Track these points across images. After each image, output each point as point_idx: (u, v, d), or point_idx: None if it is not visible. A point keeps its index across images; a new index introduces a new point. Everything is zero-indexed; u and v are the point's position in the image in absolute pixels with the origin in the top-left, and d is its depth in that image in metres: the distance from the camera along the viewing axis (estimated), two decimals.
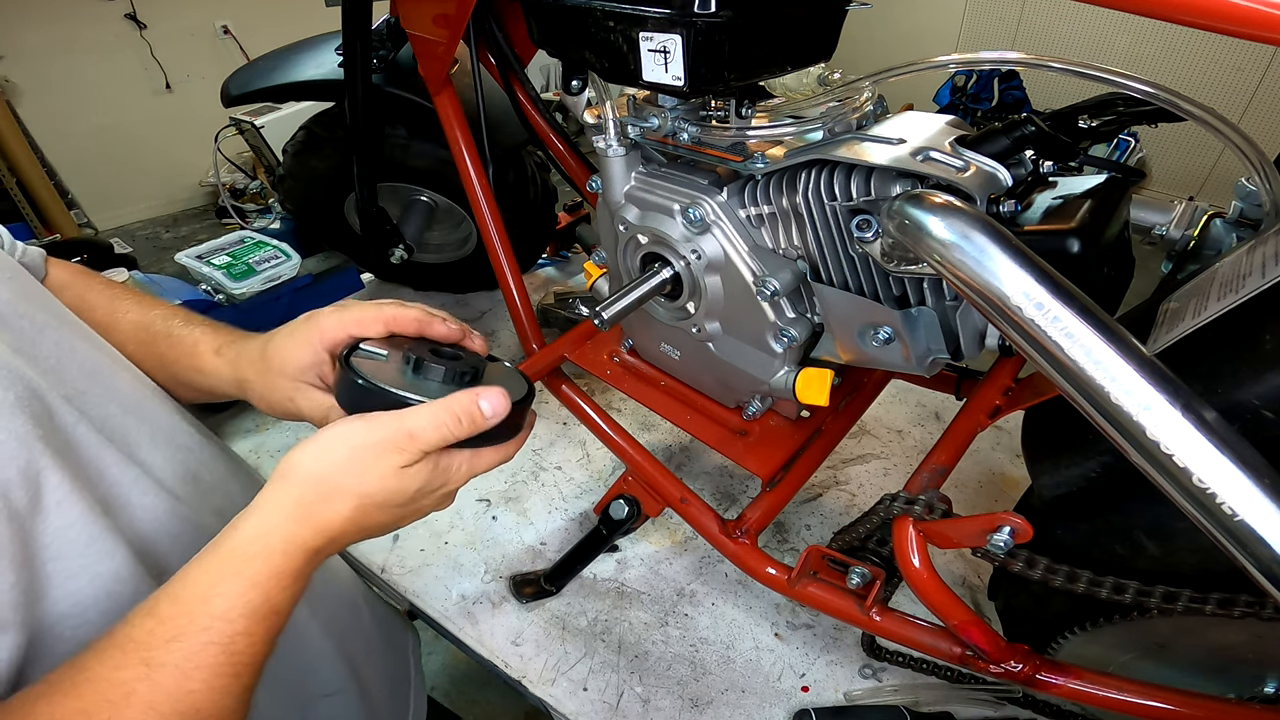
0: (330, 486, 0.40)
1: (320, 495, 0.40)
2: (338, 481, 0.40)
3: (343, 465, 0.41)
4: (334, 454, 0.41)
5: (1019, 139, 0.53)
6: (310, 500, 0.40)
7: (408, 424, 0.41)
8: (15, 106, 3.22)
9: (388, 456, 0.41)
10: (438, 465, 0.43)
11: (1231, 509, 0.35)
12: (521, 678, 0.80)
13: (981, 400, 0.69)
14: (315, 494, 0.40)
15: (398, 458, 0.41)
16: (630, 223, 0.70)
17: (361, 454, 0.41)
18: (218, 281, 1.11)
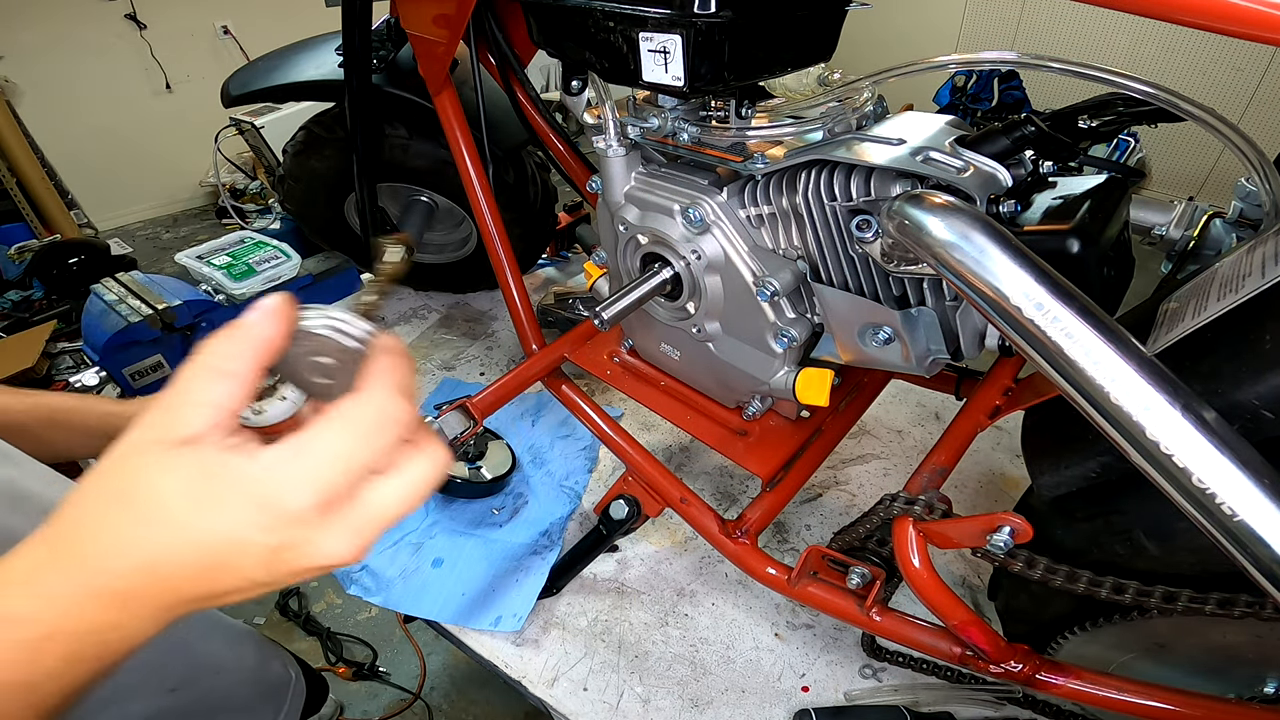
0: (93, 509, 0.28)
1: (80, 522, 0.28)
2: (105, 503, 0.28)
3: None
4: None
5: (1019, 139, 0.53)
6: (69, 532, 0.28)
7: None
8: (15, 106, 3.22)
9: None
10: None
11: (1231, 509, 0.35)
12: (521, 678, 0.80)
13: (981, 400, 0.69)
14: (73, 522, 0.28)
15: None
16: (630, 223, 0.70)
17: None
18: (218, 281, 1.12)
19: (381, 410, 0.29)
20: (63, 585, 0.27)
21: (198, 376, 0.29)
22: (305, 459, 0.28)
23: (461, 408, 0.81)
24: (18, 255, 2.79)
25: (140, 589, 0.27)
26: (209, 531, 0.27)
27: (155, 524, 0.27)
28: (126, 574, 0.27)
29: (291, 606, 1.64)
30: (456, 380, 1.26)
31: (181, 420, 0.28)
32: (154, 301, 1.06)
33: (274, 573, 0.28)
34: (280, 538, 0.27)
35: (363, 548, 0.29)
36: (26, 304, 2.73)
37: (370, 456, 0.28)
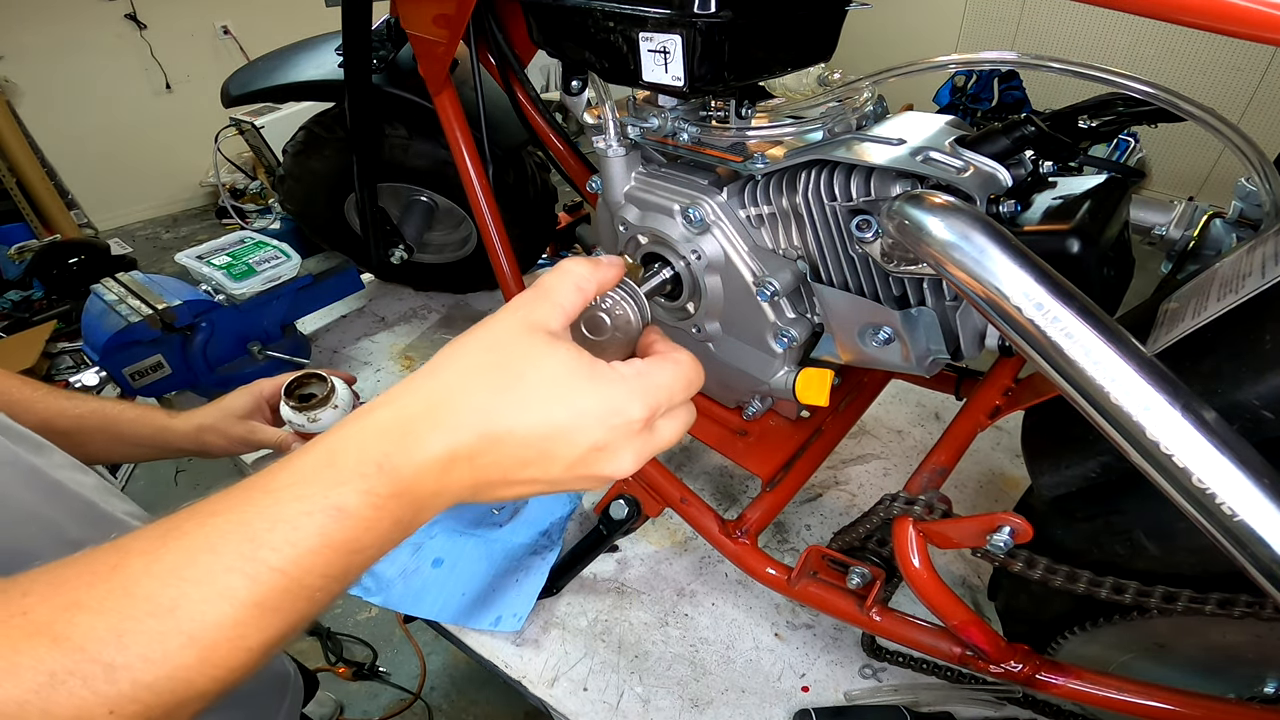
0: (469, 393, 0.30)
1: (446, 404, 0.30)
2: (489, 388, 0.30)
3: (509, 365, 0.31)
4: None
5: (1019, 139, 0.53)
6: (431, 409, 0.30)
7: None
8: (15, 106, 3.22)
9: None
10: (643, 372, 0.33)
11: (1231, 509, 0.35)
12: (521, 678, 0.80)
13: (981, 400, 0.69)
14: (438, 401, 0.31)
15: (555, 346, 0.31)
16: (630, 223, 0.70)
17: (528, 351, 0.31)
18: (218, 282, 1.11)
19: (694, 368, 0.36)
20: (428, 441, 0.29)
21: (563, 284, 0.34)
22: (649, 380, 0.33)
23: None
24: (18, 255, 2.79)
25: (472, 457, 0.30)
26: (560, 414, 0.30)
27: (523, 396, 0.30)
28: (473, 439, 0.30)
29: None
30: None
31: (550, 316, 0.33)
32: (154, 301, 1.06)
33: (574, 471, 0.32)
34: (606, 437, 0.31)
35: (638, 466, 0.33)
36: (26, 304, 2.73)
37: (681, 398, 0.35)
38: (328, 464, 0.29)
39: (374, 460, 0.29)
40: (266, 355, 1.18)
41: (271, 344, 1.20)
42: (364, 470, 0.29)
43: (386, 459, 0.29)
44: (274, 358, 1.19)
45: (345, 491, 0.28)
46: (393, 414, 0.30)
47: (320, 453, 0.29)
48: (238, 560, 0.26)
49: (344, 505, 0.28)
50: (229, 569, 0.26)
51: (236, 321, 1.14)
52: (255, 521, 0.27)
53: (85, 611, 0.25)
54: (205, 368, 1.13)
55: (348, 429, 0.30)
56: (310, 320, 1.39)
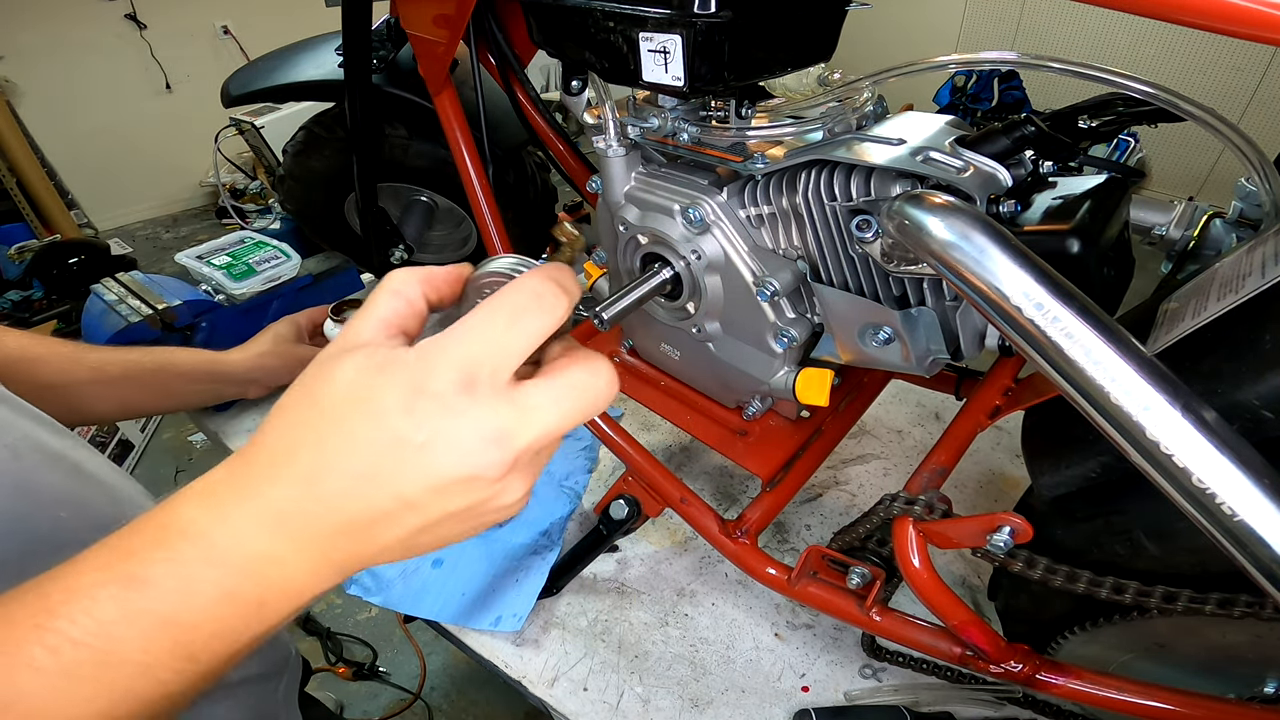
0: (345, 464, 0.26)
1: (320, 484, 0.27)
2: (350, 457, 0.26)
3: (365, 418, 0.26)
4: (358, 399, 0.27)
5: (1019, 139, 0.53)
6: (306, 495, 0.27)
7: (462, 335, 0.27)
8: (15, 106, 3.22)
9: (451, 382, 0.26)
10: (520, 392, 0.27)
11: (1231, 509, 0.35)
12: (521, 678, 0.80)
13: (981, 400, 0.69)
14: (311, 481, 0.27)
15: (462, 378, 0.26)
16: (630, 223, 0.70)
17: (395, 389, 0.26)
18: (218, 281, 1.11)
19: (517, 302, 0.27)
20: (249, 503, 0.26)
21: (375, 297, 0.30)
22: (451, 341, 0.27)
23: None
24: (18, 255, 2.79)
25: (298, 498, 0.26)
26: (363, 425, 0.26)
27: (321, 413, 0.27)
28: (289, 481, 0.26)
29: None
30: None
31: (358, 331, 0.29)
32: (154, 301, 1.06)
33: (419, 486, 0.26)
34: (420, 427, 0.26)
35: (519, 456, 0.27)
36: (26, 304, 2.73)
37: (519, 342, 0.27)
38: (128, 533, 0.26)
39: (176, 528, 0.26)
40: None
41: None
42: (163, 537, 0.26)
43: (191, 524, 0.26)
44: None
45: (138, 564, 0.25)
46: (197, 486, 0.27)
47: (133, 525, 0.27)
48: (33, 629, 0.24)
49: (138, 574, 0.25)
50: (26, 640, 0.24)
51: (236, 321, 1.14)
52: (49, 591, 0.25)
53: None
54: None
55: (161, 506, 0.27)
56: None
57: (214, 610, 0.26)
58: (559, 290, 0.28)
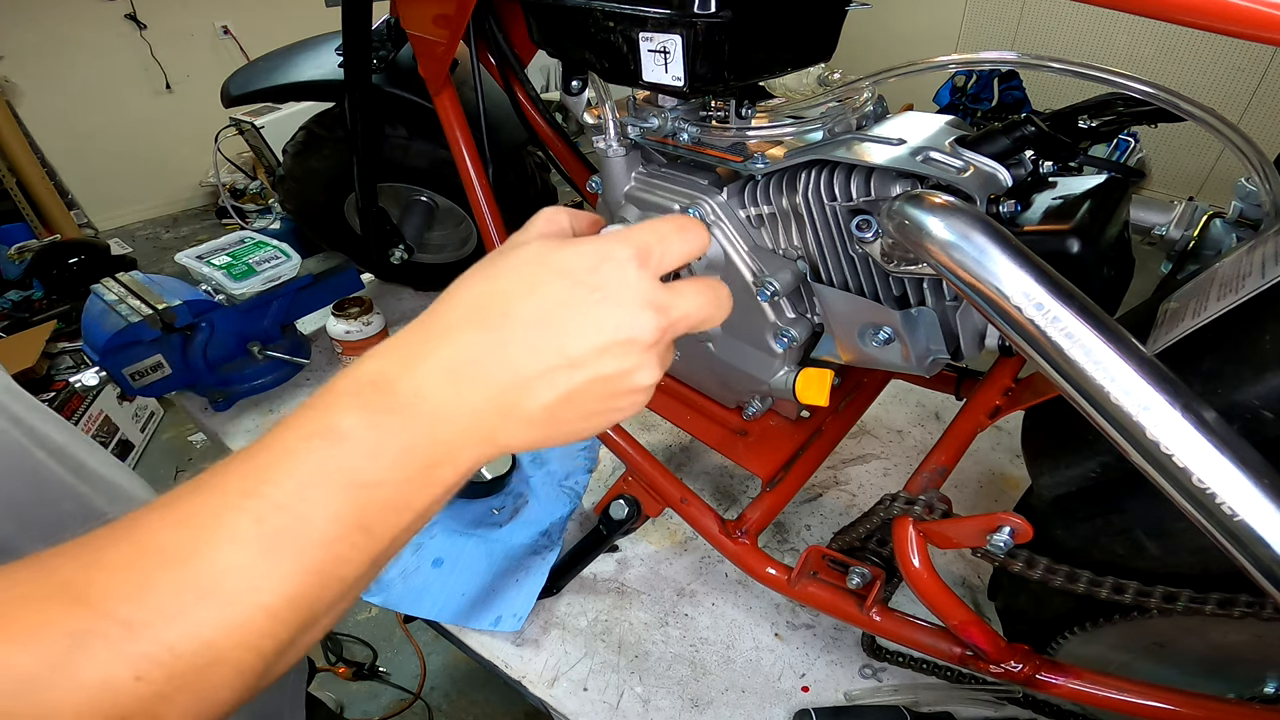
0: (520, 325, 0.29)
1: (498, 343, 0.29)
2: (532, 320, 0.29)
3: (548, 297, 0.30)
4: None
5: (1019, 139, 0.53)
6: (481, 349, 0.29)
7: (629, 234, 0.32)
8: (15, 106, 3.22)
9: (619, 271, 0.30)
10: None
11: (1231, 509, 0.35)
12: (521, 678, 0.80)
13: (981, 400, 0.69)
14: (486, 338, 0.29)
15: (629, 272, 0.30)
16: (630, 223, 0.70)
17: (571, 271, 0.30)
18: (218, 281, 1.11)
19: (678, 223, 0.33)
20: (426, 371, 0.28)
21: (534, 220, 0.35)
22: (629, 230, 0.32)
23: None
24: (18, 255, 2.79)
25: (477, 358, 0.28)
26: (547, 276, 0.30)
27: (506, 283, 0.30)
28: (470, 338, 0.29)
29: None
30: None
31: (523, 237, 0.33)
32: (154, 301, 1.06)
33: (592, 340, 0.29)
34: (605, 289, 0.29)
35: (662, 333, 0.31)
36: (26, 304, 2.73)
37: (678, 246, 0.32)
38: (325, 394, 0.28)
39: (369, 379, 0.28)
40: (267, 355, 1.18)
41: (271, 344, 1.20)
42: (358, 389, 0.27)
43: (382, 374, 0.28)
44: (274, 358, 1.19)
45: (338, 413, 0.27)
46: (386, 344, 0.30)
47: (321, 390, 0.28)
48: (241, 497, 0.25)
49: (337, 426, 0.26)
50: (234, 507, 0.24)
51: (236, 321, 1.14)
52: (258, 455, 0.26)
53: (103, 569, 0.24)
54: (205, 368, 1.13)
55: (348, 368, 0.29)
56: (310, 320, 1.39)
57: (394, 467, 0.27)
58: (703, 228, 0.34)
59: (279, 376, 1.22)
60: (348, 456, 0.26)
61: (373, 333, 1.14)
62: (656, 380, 0.32)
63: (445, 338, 0.29)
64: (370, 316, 1.14)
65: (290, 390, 1.23)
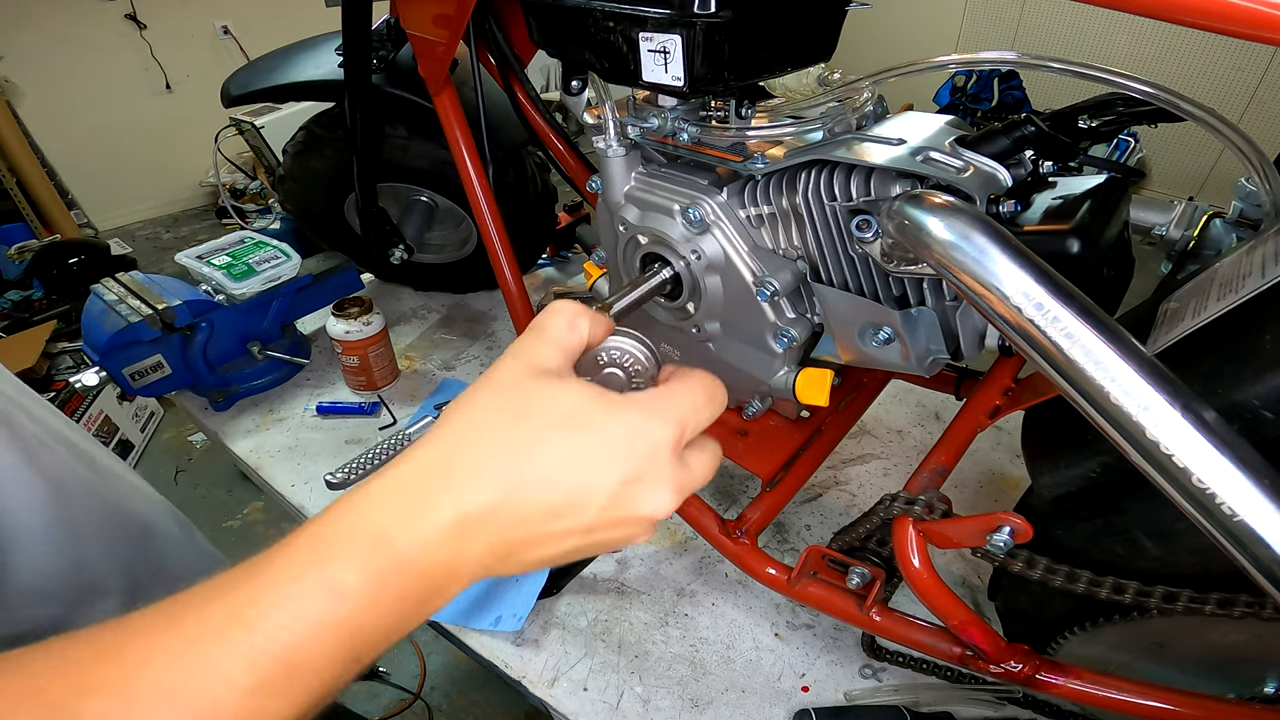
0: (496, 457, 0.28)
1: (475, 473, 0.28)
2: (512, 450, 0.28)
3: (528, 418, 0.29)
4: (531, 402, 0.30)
5: (1019, 139, 0.53)
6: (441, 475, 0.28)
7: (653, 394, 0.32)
8: (15, 106, 3.22)
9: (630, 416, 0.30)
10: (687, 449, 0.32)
11: (1231, 509, 0.35)
12: (521, 678, 0.80)
13: (981, 400, 0.69)
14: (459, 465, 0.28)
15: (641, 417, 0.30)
16: (630, 223, 0.70)
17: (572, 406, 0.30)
18: (218, 281, 1.11)
19: (713, 380, 0.34)
20: (435, 507, 0.28)
21: (556, 321, 0.33)
22: (667, 397, 0.31)
23: None
24: (18, 255, 2.79)
25: (487, 516, 0.28)
26: (581, 448, 0.29)
27: (536, 438, 0.28)
28: (486, 495, 0.28)
29: None
30: (456, 380, 1.26)
31: (549, 355, 0.32)
32: (154, 301, 1.06)
33: (610, 513, 0.29)
34: (636, 467, 0.29)
35: (676, 505, 0.31)
36: (26, 304, 2.73)
37: (706, 413, 0.32)
38: (323, 541, 0.27)
39: (372, 535, 0.27)
40: (266, 355, 1.18)
41: (271, 344, 1.20)
42: (359, 544, 0.27)
43: (385, 531, 0.27)
44: (274, 358, 1.19)
45: (339, 569, 0.26)
46: (391, 482, 0.28)
47: (316, 529, 0.28)
48: (235, 648, 0.25)
49: (339, 584, 0.26)
50: (228, 657, 0.25)
51: (236, 321, 1.14)
52: (250, 607, 0.26)
53: (95, 695, 0.24)
54: (205, 368, 1.13)
55: (350, 500, 0.28)
56: (310, 320, 1.39)
57: (390, 612, 0.27)
58: (724, 393, 0.34)
59: (279, 376, 1.22)
60: (346, 610, 0.26)
61: (373, 332, 1.14)
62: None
63: (458, 488, 0.28)
64: (370, 316, 1.14)
65: (290, 390, 1.23)
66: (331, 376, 1.26)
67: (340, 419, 1.17)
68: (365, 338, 1.13)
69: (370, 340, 1.14)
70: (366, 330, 1.13)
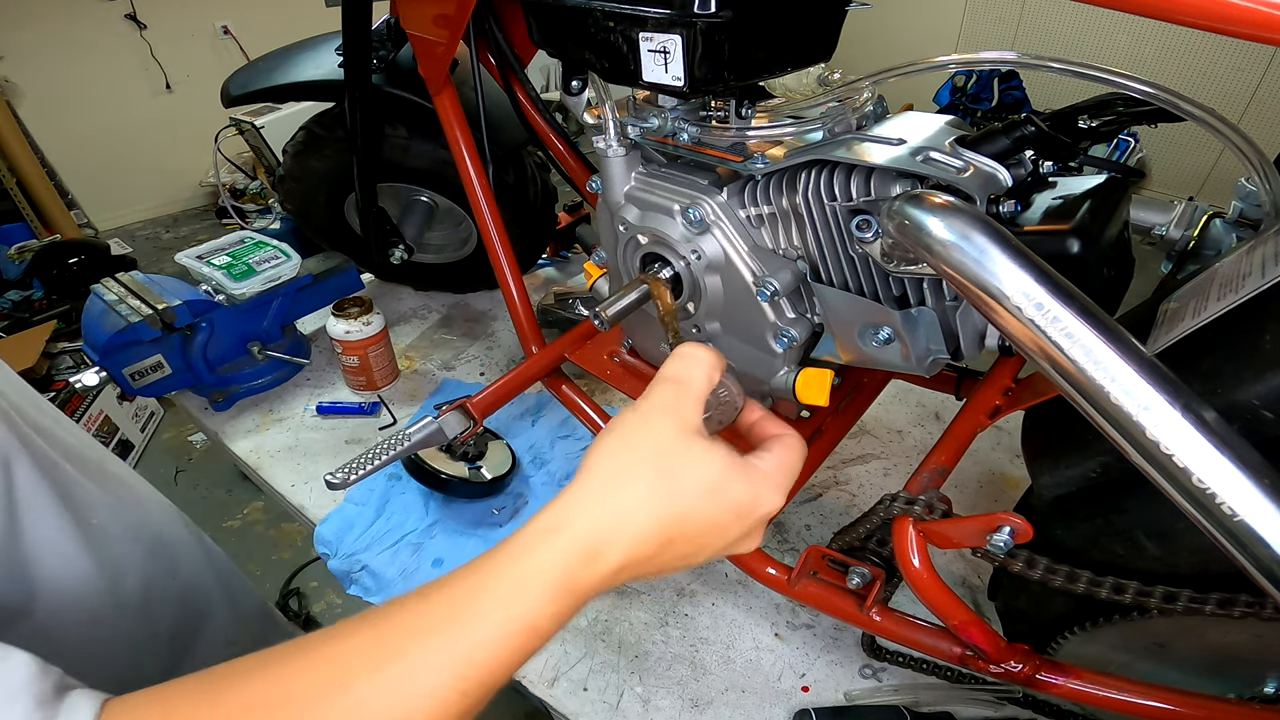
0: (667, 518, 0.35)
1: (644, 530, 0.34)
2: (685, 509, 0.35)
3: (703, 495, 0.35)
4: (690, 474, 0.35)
5: (1019, 139, 0.53)
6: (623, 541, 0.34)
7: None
8: (15, 106, 3.22)
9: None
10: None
11: (1231, 509, 0.35)
12: (521, 678, 0.80)
13: (981, 400, 0.69)
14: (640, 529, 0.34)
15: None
16: (630, 223, 0.70)
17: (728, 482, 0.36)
18: (218, 281, 1.11)
19: (804, 446, 0.40)
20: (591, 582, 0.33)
21: (698, 376, 0.38)
22: (784, 470, 0.38)
23: (461, 408, 0.81)
24: (18, 255, 2.79)
25: (646, 560, 0.34)
26: (720, 513, 0.36)
27: (689, 503, 0.35)
28: (649, 549, 0.34)
29: (291, 606, 1.64)
30: (456, 380, 1.26)
31: (696, 413, 0.37)
32: (154, 301, 1.06)
33: (717, 554, 0.37)
34: (751, 525, 0.37)
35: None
36: (26, 304, 2.73)
37: (800, 478, 0.39)
38: (524, 588, 0.32)
39: (562, 585, 0.32)
40: (266, 355, 1.18)
41: (271, 344, 1.20)
42: (554, 595, 0.32)
43: (574, 581, 0.33)
44: (274, 358, 1.19)
45: (539, 615, 0.32)
46: (573, 538, 0.33)
47: (515, 576, 0.32)
48: (454, 679, 0.30)
49: (538, 626, 0.32)
50: (447, 687, 0.30)
51: (236, 321, 1.14)
52: (463, 641, 0.30)
53: (316, 716, 0.28)
54: (205, 368, 1.13)
55: (537, 554, 0.33)
56: (310, 320, 1.39)
57: (505, 660, 0.32)
58: (805, 450, 0.41)
59: (279, 376, 1.22)
60: (538, 641, 0.32)
61: (373, 332, 1.14)
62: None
63: (628, 549, 0.34)
64: (370, 316, 1.14)
65: (290, 390, 1.23)
66: (331, 376, 1.26)
67: (340, 419, 1.17)
68: (365, 338, 1.13)
69: (370, 340, 1.14)
70: (366, 330, 1.13)
